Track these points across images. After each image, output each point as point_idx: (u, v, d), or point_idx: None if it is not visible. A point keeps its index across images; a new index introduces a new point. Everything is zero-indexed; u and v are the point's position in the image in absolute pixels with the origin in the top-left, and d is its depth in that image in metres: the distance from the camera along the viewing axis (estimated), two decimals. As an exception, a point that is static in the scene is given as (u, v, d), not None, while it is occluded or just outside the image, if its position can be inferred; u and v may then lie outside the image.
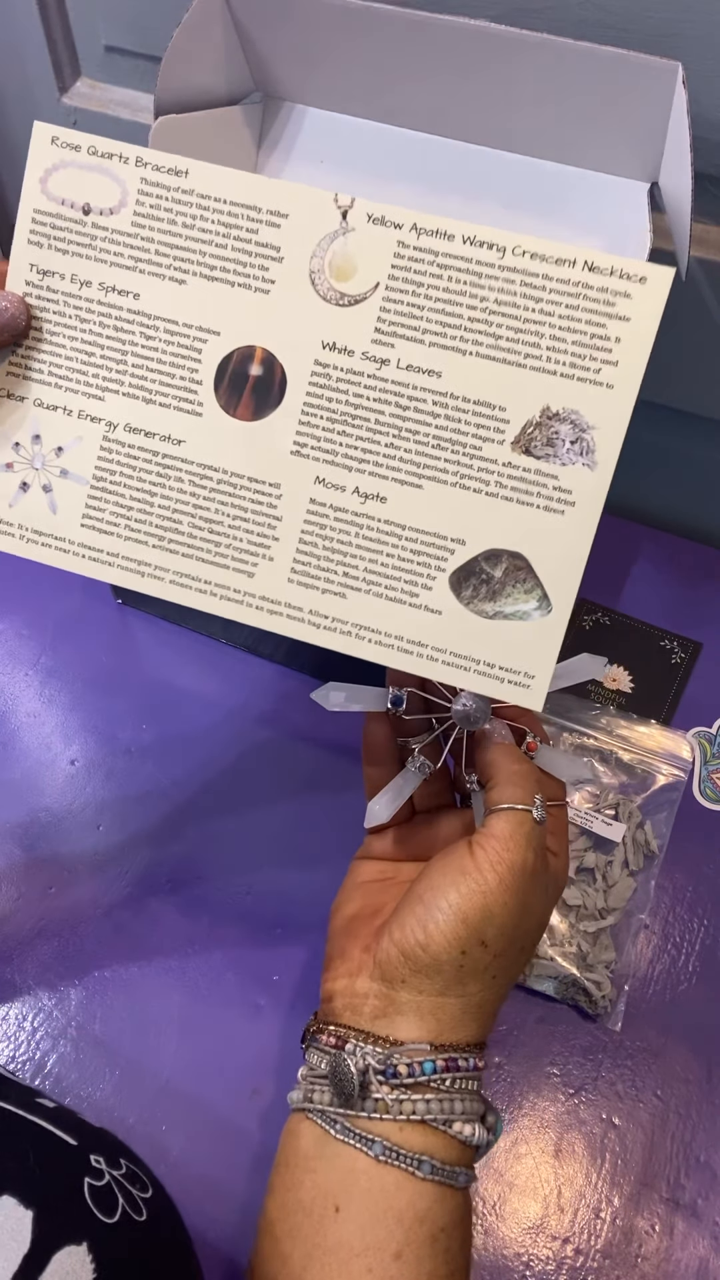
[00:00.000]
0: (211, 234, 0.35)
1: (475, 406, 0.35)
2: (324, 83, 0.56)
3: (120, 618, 0.66)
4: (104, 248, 0.35)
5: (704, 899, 0.56)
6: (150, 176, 0.35)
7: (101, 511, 0.37)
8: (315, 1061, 0.39)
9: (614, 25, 0.50)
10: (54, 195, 0.35)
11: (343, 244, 0.35)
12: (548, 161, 0.55)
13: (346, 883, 0.44)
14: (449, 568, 0.35)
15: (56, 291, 0.36)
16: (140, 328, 0.36)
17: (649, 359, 0.34)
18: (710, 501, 0.73)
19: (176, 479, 0.36)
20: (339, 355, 0.35)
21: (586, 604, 0.68)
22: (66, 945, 0.53)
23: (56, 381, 0.36)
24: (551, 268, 0.34)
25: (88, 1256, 0.29)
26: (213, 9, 0.52)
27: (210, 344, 0.36)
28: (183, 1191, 0.37)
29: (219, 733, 0.61)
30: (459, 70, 0.51)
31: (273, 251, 0.35)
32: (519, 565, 0.35)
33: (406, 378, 0.35)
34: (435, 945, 0.36)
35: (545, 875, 0.38)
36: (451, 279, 0.34)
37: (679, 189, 0.47)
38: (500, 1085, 0.50)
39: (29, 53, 0.64)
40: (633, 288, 0.33)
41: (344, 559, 0.36)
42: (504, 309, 0.34)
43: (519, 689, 0.35)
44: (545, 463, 0.34)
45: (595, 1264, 0.46)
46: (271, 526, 0.36)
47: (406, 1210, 0.35)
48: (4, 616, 0.65)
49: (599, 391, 0.34)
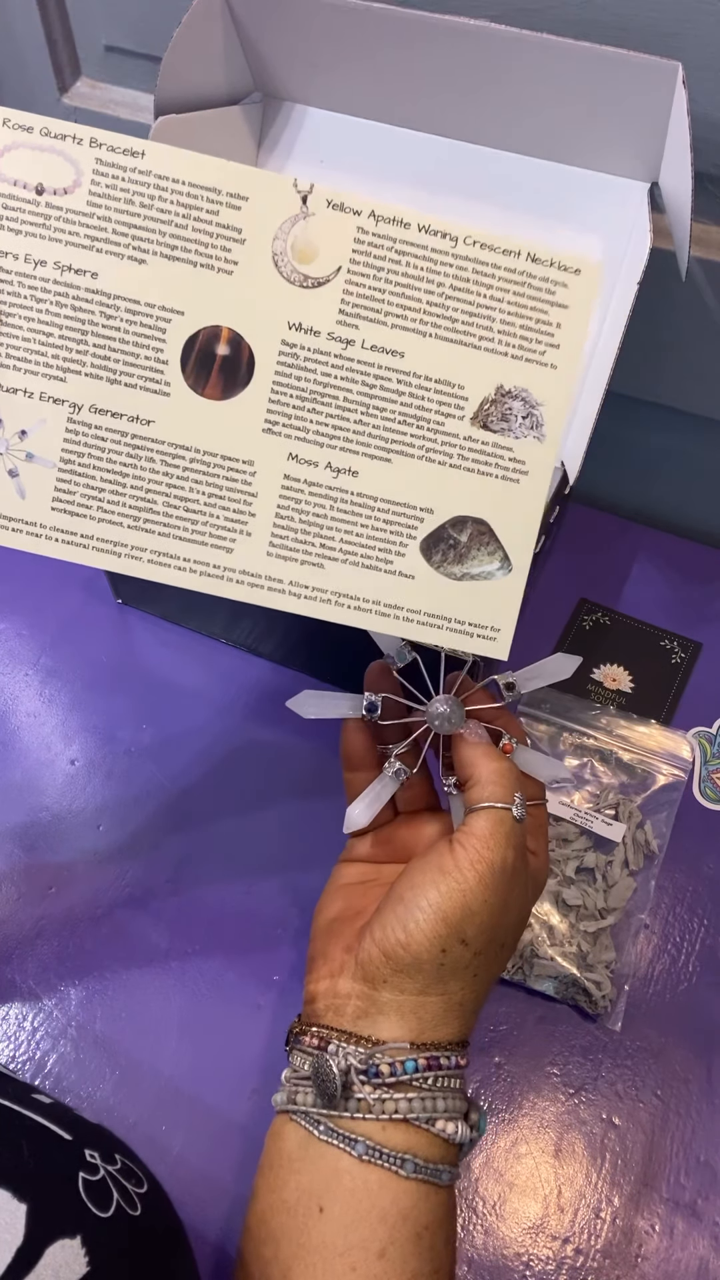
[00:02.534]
0: (170, 214, 0.35)
1: (437, 385, 0.36)
2: (324, 83, 0.56)
3: (120, 618, 0.66)
4: (59, 227, 0.35)
5: (704, 899, 0.56)
6: (105, 157, 0.35)
7: (72, 494, 0.37)
8: (298, 1063, 0.39)
9: (614, 25, 0.51)
10: (6, 176, 0.35)
11: (304, 228, 0.35)
12: (548, 161, 0.55)
13: (329, 885, 0.44)
14: (419, 535, 0.37)
15: (10, 272, 0.36)
16: (100, 307, 0.36)
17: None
18: (710, 501, 0.73)
19: (148, 459, 0.37)
20: (305, 335, 0.36)
21: (587, 604, 0.68)
22: (66, 945, 0.53)
23: (15, 364, 0.36)
24: (499, 257, 0.36)
25: (81, 1249, 0.29)
26: (213, 9, 0.52)
27: (174, 324, 0.36)
28: (182, 1191, 0.37)
29: (219, 732, 0.61)
30: (459, 70, 0.51)
31: (234, 233, 0.35)
32: (482, 530, 0.37)
33: (371, 357, 0.36)
34: (416, 944, 0.36)
35: (525, 873, 0.38)
36: (409, 265, 0.36)
37: (679, 189, 0.48)
38: (500, 1085, 0.50)
39: (29, 53, 0.64)
40: (569, 278, 0.36)
41: (320, 531, 0.37)
42: (459, 294, 0.36)
43: (487, 641, 0.38)
44: (501, 436, 0.37)
45: (595, 1264, 0.46)
46: (247, 503, 0.37)
47: (390, 1209, 0.35)
48: (4, 616, 0.65)
49: (545, 371, 0.36)
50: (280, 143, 0.60)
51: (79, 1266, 0.29)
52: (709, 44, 0.49)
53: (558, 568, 0.68)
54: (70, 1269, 0.29)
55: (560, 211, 0.56)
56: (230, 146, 0.58)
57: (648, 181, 0.53)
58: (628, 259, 0.53)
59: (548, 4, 0.51)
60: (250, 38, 0.54)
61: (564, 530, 0.69)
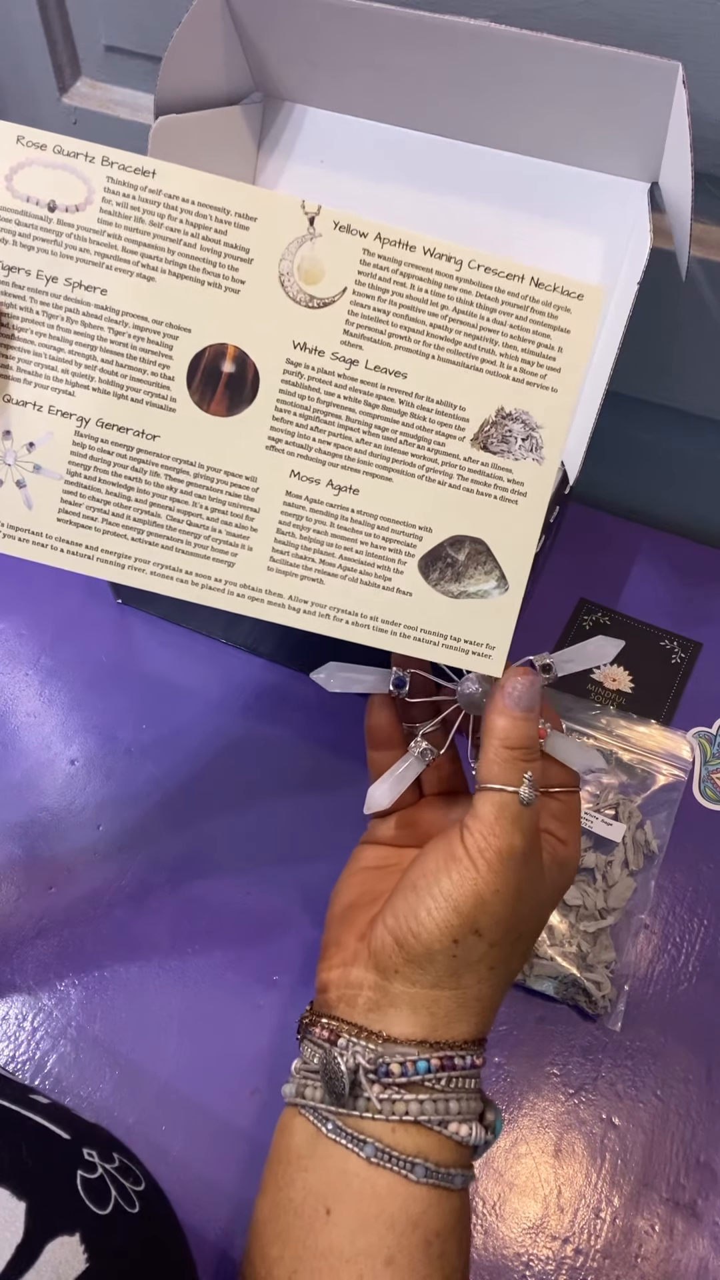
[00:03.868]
0: (180, 233, 0.36)
1: (438, 406, 0.37)
2: (324, 83, 0.56)
3: (120, 618, 0.66)
4: (70, 244, 0.36)
5: (704, 899, 0.56)
6: (117, 175, 0.35)
7: (78, 506, 0.37)
8: (308, 1055, 0.38)
9: (614, 25, 0.51)
10: (19, 193, 0.36)
11: (310, 249, 0.36)
12: (548, 161, 0.55)
13: (347, 868, 0.43)
14: (418, 553, 0.38)
15: (22, 287, 0.36)
16: (108, 323, 0.36)
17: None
18: (710, 501, 0.73)
19: (153, 473, 0.37)
20: (310, 355, 0.36)
21: (586, 604, 0.68)
22: (66, 945, 0.53)
23: (25, 377, 0.37)
24: (503, 281, 0.36)
25: (80, 1246, 0.29)
26: (213, 9, 0.52)
27: (181, 340, 0.36)
28: (182, 1191, 0.37)
29: (219, 732, 0.61)
30: (459, 70, 0.51)
31: (242, 253, 0.36)
32: (479, 549, 0.38)
33: (375, 378, 0.37)
34: (428, 933, 0.35)
35: (539, 860, 0.37)
36: (414, 287, 0.36)
37: (679, 189, 0.48)
38: (500, 1085, 0.50)
39: (29, 53, 0.64)
40: (571, 303, 0.36)
41: (320, 547, 0.38)
42: (462, 317, 0.36)
43: (482, 659, 0.38)
44: (500, 458, 0.37)
45: (595, 1264, 0.46)
46: (249, 518, 0.37)
47: (399, 1215, 0.34)
48: (4, 616, 0.65)
49: (545, 394, 0.37)
50: (280, 143, 0.60)
51: (78, 1263, 0.29)
52: (709, 44, 0.49)
53: (558, 568, 0.68)
54: (69, 1266, 0.29)
55: (560, 211, 0.56)
56: (230, 146, 0.58)
57: (648, 181, 0.53)
58: (628, 259, 0.53)
59: (548, 4, 0.51)
60: (250, 38, 0.54)
61: (564, 530, 0.69)
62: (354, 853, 0.43)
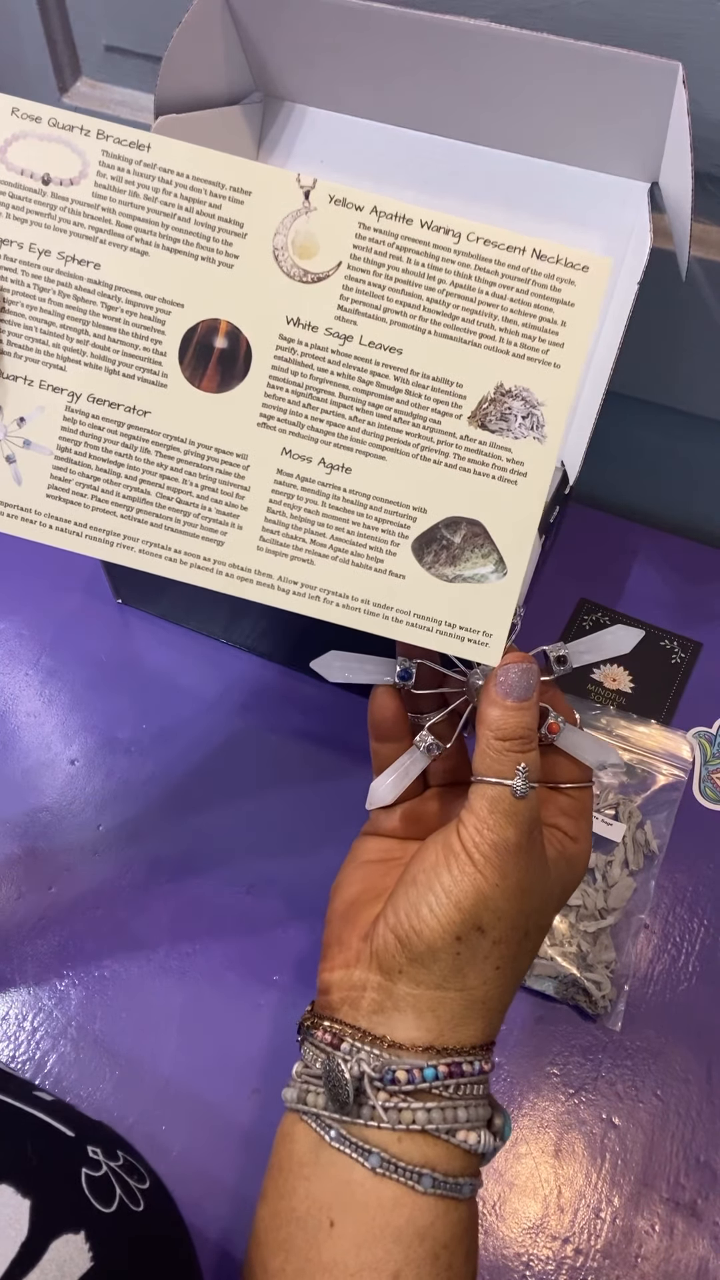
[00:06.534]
0: (174, 207, 0.35)
1: (434, 383, 0.36)
2: (324, 83, 0.56)
3: (120, 618, 0.66)
4: (64, 218, 0.36)
5: (704, 899, 0.56)
6: (112, 149, 0.35)
7: (67, 482, 0.37)
8: (310, 1058, 0.36)
9: (614, 25, 0.51)
10: (13, 165, 0.35)
11: (305, 223, 0.35)
12: (548, 161, 0.55)
13: (347, 862, 0.41)
14: (412, 535, 0.37)
15: (14, 260, 0.36)
16: (101, 298, 0.36)
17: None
18: (710, 501, 0.73)
19: (143, 449, 0.37)
20: (303, 330, 0.36)
21: (586, 604, 0.68)
22: (67, 944, 0.53)
23: (16, 351, 0.36)
24: (503, 254, 0.35)
25: (85, 1244, 0.29)
26: (213, 9, 0.52)
27: (174, 316, 0.36)
28: (183, 1190, 0.37)
29: (219, 732, 0.61)
30: (459, 70, 0.51)
31: (236, 227, 0.35)
32: (476, 532, 0.37)
33: (369, 354, 0.36)
34: (430, 931, 0.34)
35: (540, 855, 0.36)
36: (411, 261, 0.35)
37: (679, 189, 0.48)
38: (500, 1085, 0.50)
39: (29, 53, 0.64)
40: (576, 275, 0.35)
41: (311, 527, 0.37)
42: (460, 291, 0.36)
43: (478, 647, 0.37)
44: (499, 436, 0.36)
45: (595, 1264, 0.45)
46: (240, 496, 0.37)
47: (405, 1227, 0.33)
48: (4, 616, 0.65)
49: (547, 370, 0.36)
50: (280, 143, 0.60)
51: (83, 1261, 0.29)
52: (710, 45, 0.49)
53: (558, 568, 0.68)
54: (74, 1264, 0.29)
55: (560, 211, 0.56)
56: (230, 146, 0.58)
57: (648, 181, 0.53)
58: (628, 259, 0.53)
59: (548, 4, 0.51)
60: (250, 38, 0.54)
61: (564, 530, 0.69)
62: (355, 845, 0.42)
